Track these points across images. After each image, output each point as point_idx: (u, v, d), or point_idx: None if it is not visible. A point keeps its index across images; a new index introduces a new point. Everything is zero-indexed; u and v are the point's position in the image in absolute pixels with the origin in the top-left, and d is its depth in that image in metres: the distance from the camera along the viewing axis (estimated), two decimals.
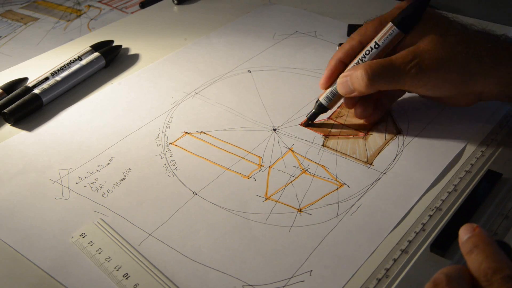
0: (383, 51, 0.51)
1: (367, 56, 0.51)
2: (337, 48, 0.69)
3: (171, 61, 0.68)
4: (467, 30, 0.51)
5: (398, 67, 0.49)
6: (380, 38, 0.51)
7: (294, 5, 0.81)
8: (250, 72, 0.65)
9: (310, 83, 0.63)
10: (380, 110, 0.55)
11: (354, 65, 0.52)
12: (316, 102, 0.55)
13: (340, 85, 0.52)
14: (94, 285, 0.40)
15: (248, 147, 0.53)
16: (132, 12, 0.83)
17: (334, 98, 0.54)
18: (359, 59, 0.52)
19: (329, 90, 0.54)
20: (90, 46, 0.68)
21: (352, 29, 0.71)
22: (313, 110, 0.55)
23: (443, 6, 0.84)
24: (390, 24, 0.51)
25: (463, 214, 0.44)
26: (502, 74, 0.49)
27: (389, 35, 0.51)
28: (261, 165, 0.51)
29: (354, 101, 0.54)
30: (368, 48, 0.52)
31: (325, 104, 0.54)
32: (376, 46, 0.51)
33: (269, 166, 0.50)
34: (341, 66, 0.54)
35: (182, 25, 0.77)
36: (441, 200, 0.46)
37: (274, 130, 0.55)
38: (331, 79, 0.54)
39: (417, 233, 0.43)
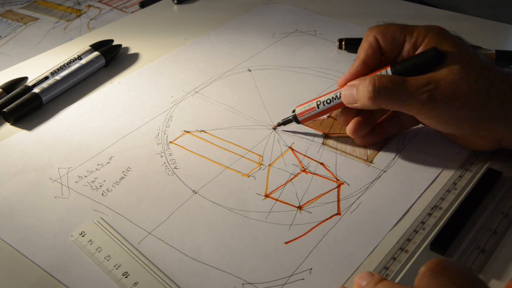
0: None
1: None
2: (336, 45, 0.69)
3: (171, 60, 0.68)
4: (493, 66, 0.45)
5: (410, 88, 0.44)
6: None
7: (294, 4, 0.81)
8: (250, 70, 0.65)
9: (310, 81, 0.63)
10: (378, 135, 0.52)
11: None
12: (293, 111, 0.53)
13: (345, 92, 0.48)
14: (93, 283, 0.40)
15: (248, 146, 0.53)
16: (132, 12, 0.83)
17: (323, 108, 0.51)
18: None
19: (326, 96, 0.50)
20: (90, 46, 0.68)
21: (343, 42, 0.68)
22: (289, 117, 0.53)
23: (444, 5, 0.84)
24: (388, 68, 0.47)
25: (463, 213, 0.44)
26: None
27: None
28: (261, 164, 0.51)
29: (351, 116, 0.50)
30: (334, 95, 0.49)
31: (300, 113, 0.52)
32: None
33: (269, 165, 0.50)
34: (364, 67, 0.49)
35: (182, 24, 0.77)
36: (441, 198, 0.46)
37: (274, 128, 0.55)
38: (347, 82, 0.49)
39: (417, 232, 0.43)
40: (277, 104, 0.59)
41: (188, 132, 0.55)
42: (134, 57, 0.69)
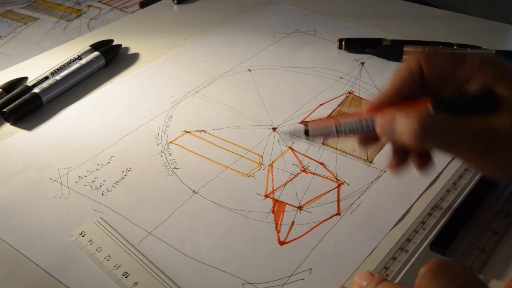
0: None
1: None
2: (336, 45, 0.69)
3: (171, 60, 0.68)
4: None
5: (463, 132, 0.37)
6: None
7: (294, 4, 0.81)
8: (250, 70, 0.65)
9: (310, 81, 0.63)
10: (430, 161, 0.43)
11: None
12: (306, 126, 0.42)
13: (382, 125, 0.39)
14: (93, 283, 0.40)
15: (248, 146, 0.53)
16: (132, 12, 0.83)
17: (342, 133, 0.41)
18: None
19: (346, 119, 0.41)
20: (90, 46, 0.68)
21: (343, 42, 0.68)
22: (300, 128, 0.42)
23: (444, 5, 0.84)
24: (428, 104, 0.39)
25: (463, 213, 0.44)
26: None
27: None
28: (261, 164, 0.51)
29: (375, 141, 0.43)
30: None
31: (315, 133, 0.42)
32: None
33: (269, 165, 0.50)
34: (396, 96, 0.41)
35: (182, 24, 0.77)
36: (441, 198, 0.46)
37: (274, 128, 0.55)
38: (376, 109, 0.41)
39: (417, 232, 0.43)
40: (277, 104, 0.59)
41: (188, 132, 0.55)
42: (134, 57, 0.69)
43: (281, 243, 0.43)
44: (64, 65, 0.64)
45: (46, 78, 0.62)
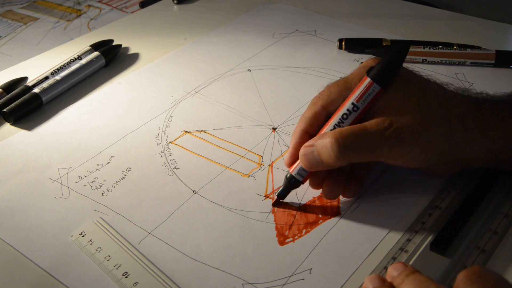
0: (361, 114, 0.43)
1: (345, 121, 0.43)
2: (336, 45, 0.69)
3: (171, 60, 0.68)
4: (445, 90, 0.44)
5: (374, 135, 0.41)
6: (357, 97, 0.42)
7: (294, 4, 0.81)
8: (250, 71, 0.65)
9: (310, 81, 0.63)
10: (355, 185, 0.46)
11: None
12: (286, 176, 0.45)
13: (303, 156, 0.43)
14: (93, 283, 0.40)
15: (248, 146, 0.53)
16: (132, 12, 0.83)
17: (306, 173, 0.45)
18: (335, 125, 0.43)
19: (300, 165, 0.44)
20: (90, 46, 0.68)
21: (343, 42, 0.68)
22: (283, 186, 0.46)
23: (444, 5, 0.84)
24: (368, 80, 0.42)
25: (463, 213, 0.44)
26: (491, 140, 0.42)
27: (369, 94, 0.42)
28: (261, 164, 0.51)
29: (321, 178, 0.45)
30: (344, 111, 0.43)
31: (299, 178, 0.45)
32: (355, 108, 0.43)
33: (269, 165, 0.50)
34: (307, 137, 0.45)
35: (181, 24, 0.77)
36: (441, 198, 0.46)
37: (274, 128, 0.55)
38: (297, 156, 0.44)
39: (417, 232, 0.43)
40: (277, 104, 0.59)
41: (188, 132, 0.55)
42: (134, 57, 0.69)
43: (281, 243, 0.43)
44: (64, 65, 0.64)
45: (46, 78, 0.62)
